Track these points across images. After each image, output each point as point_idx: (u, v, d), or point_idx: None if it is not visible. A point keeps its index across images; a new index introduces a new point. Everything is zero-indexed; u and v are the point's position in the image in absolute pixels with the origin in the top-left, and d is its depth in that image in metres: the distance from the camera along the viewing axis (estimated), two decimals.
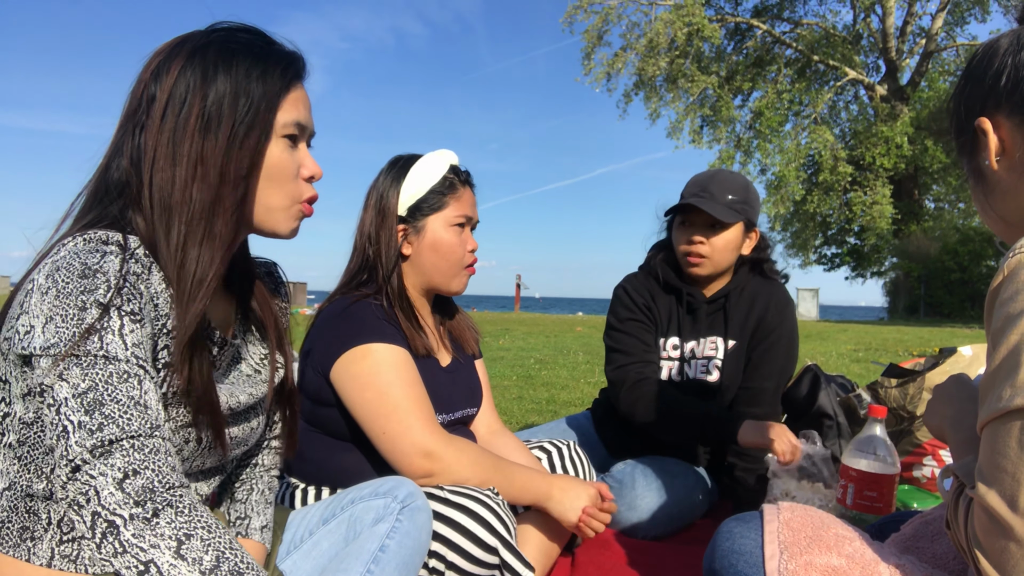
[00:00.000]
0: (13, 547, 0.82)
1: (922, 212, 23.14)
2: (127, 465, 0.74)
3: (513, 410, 4.08)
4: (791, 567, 0.94)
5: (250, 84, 0.89)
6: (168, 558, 0.73)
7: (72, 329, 0.76)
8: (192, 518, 0.76)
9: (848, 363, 6.64)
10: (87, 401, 0.75)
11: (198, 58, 0.89)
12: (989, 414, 0.74)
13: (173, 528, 0.74)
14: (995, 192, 0.88)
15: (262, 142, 0.91)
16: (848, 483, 1.52)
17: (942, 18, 21.81)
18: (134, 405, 0.77)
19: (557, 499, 1.42)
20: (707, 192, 1.94)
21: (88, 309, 0.77)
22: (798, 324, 2.07)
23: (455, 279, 1.52)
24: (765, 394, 1.97)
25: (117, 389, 0.77)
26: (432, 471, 1.30)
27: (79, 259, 0.79)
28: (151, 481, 0.75)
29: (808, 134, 22.02)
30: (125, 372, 0.78)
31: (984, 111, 0.86)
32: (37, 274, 0.79)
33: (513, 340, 9.55)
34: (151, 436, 0.77)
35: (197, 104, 0.87)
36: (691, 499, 1.97)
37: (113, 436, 0.75)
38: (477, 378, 1.67)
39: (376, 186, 1.51)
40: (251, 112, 0.89)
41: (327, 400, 1.40)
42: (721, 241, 1.94)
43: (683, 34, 20.73)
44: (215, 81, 0.88)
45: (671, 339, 2.07)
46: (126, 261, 0.81)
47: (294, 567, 1.11)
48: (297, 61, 0.97)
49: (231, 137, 0.88)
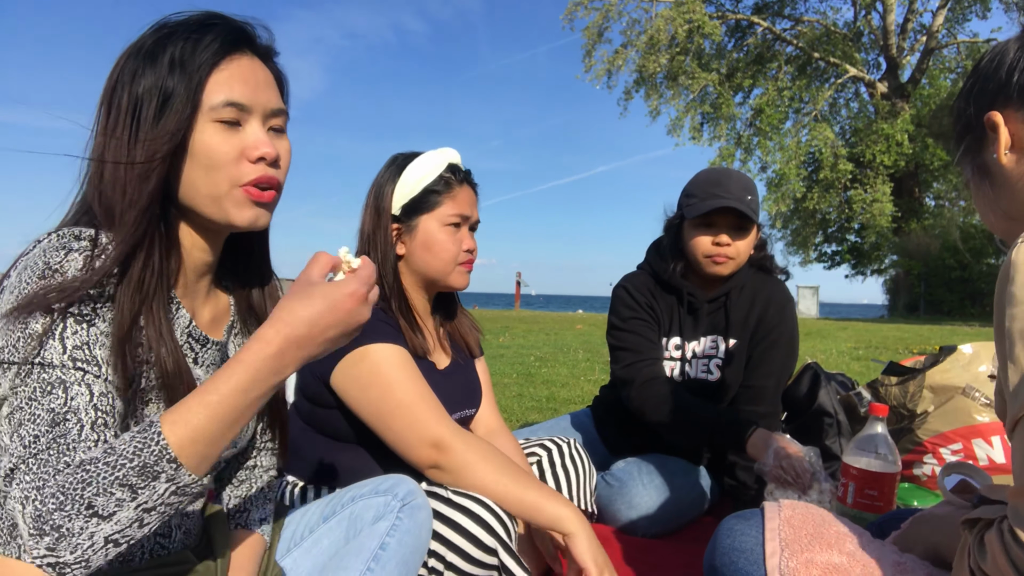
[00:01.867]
0: (4, 544, 0.82)
1: (922, 210, 23.10)
2: (21, 493, 0.72)
3: (513, 408, 4.08)
4: (792, 564, 0.94)
5: (173, 67, 0.84)
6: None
7: (17, 335, 0.76)
8: (75, 494, 0.71)
9: (848, 361, 6.63)
10: (13, 422, 0.75)
11: (136, 48, 0.86)
12: (1018, 411, 0.71)
13: (74, 519, 0.71)
14: (1002, 187, 0.88)
15: (179, 128, 0.83)
16: (849, 481, 1.52)
17: (943, 15, 21.77)
18: (49, 420, 0.75)
19: (580, 531, 1.24)
20: (730, 193, 1.90)
21: (34, 315, 0.76)
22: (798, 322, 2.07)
23: (451, 276, 1.50)
24: (766, 392, 1.97)
25: (39, 404, 0.75)
26: (439, 462, 1.28)
27: (43, 258, 0.78)
28: (36, 504, 0.71)
29: (808, 131, 21.98)
30: (54, 382, 0.76)
31: (994, 106, 0.87)
32: (14, 270, 0.80)
33: (513, 338, 9.55)
34: (47, 448, 0.74)
35: (126, 95, 0.84)
36: (691, 497, 1.97)
37: (15, 462, 0.74)
38: (476, 378, 1.66)
39: (374, 184, 1.50)
40: (171, 99, 0.83)
41: (327, 403, 1.39)
42: (745, 243, 1.94)
43: (684, 31, 20.68)
44: (145, 70, 0.84)
45: (673, 339, 2.07)
46: (91, 258, 0.79)
47: (294, 564, 1.11)
48: (234, 32, 0.88)
49: (153, 131, 0.83)
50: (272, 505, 1.14)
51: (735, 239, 1.92)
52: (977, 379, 2.08)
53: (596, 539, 1.26)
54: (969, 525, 0.79)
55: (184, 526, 0.98)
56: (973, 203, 0.96)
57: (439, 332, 1.61)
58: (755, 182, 2.04)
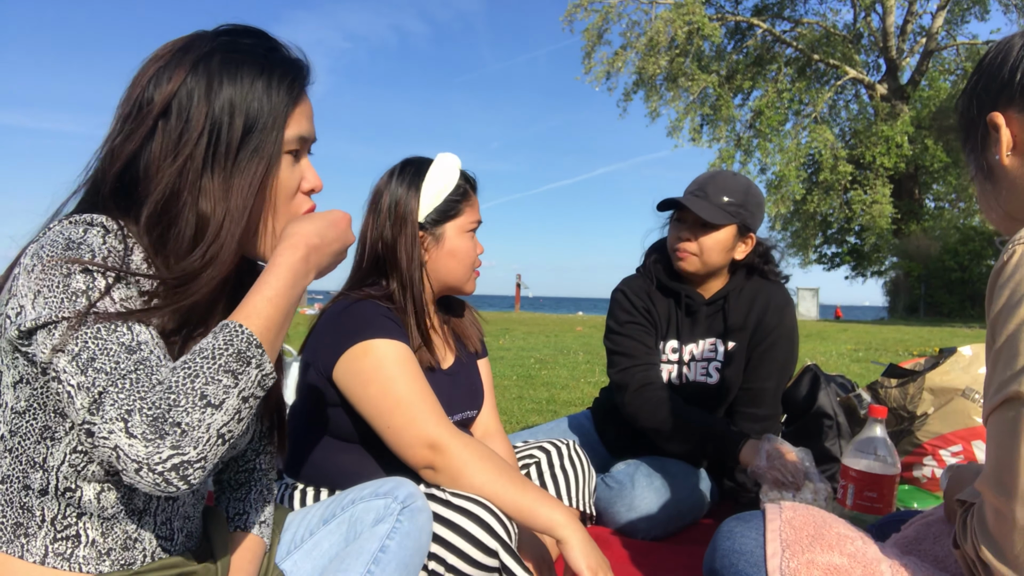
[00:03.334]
0: (7, 543, 0.82)
1: (922, 211, 23.13)
2: (119, 411, 0.72)
3: (513, 410, 4.08)
4: (792, 565, 0.94)
5: (255, 99, 0.88)
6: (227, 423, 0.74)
7: (60, 296, 0.76)
8: (184, 388, 0.73)
9: (848, 363, 6.64)
10: (81, 361, 0.75)
11: (202, 66, 0.87)
12: (990, 405, 0.75)
13: (190, 413, 0.72)
14: (1003, 187, 0.88)
15: (270, 164, 0.91)
16: (848, 483, 1.52)
17: (942, 17, 21.79)
18: (124, 349, 0.76)
19: (574, 536, 1.23)
20: (703, 191, 1.95)
21: (73, 275, 0.77)
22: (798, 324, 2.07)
23: (469, 281, 1.55)
24: (766, 394, 1.97)
25: (107, 340, 0.76)
26: (434, 463, 1.28)
27: (63, 235, 0.80)
28: (145, 413, 0.71)
29: (808, 133, 22.01)
30: (116, 320, 0.78)
31: (997, 107, 0.87)
32: (24, 257, 0.80)
33: (513, 340, 9.55)
34: (135, 370, 0.75)
35: (202, 119, 0.86)
36: (692, 500, 1.96)
37: (101, 387, 0.73)
38: (479, 379, 1.66)
39: (388, 191, 1.48)
40: (256, 133, 0.89)
41: (331, 400, 1.40)
42: (710, 241, 1.94)
43: (683, 33, 20.71)
44: (219, 93, 0.87)
45: (670, 342, 2.07)
46: (108, 236, 0.82)
47: (295, 567, 1.11)
48: (303, 70, 0.95)
49: (236, 159, 0.88)
50: (271, 507, 1.14)
51: (698, 236, 1.94)
52: (977, 381, 2.08)
53: (591, 543, 1.25)
54: (960, 503, 0.83)
55: (186, 528, 0.98)
56: (976, 199, 0.97)
57: (444, 329, 1.62)
58: (757, 187, 2.03)
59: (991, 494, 0.73)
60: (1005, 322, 0.74)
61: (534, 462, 1.68)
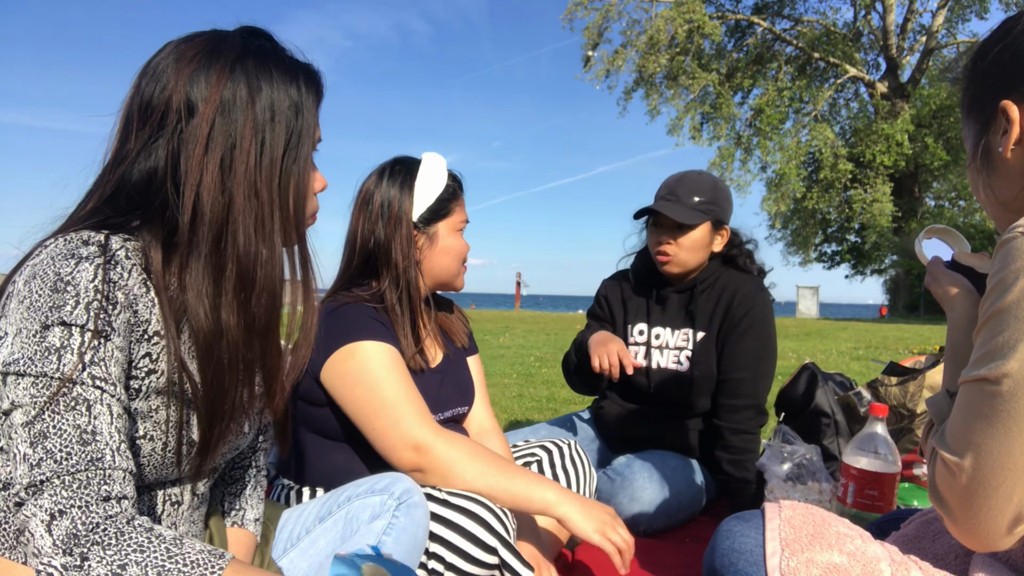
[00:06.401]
0: (9, 549, 0.81)
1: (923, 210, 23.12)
2: (54, 506, 0.71)
3: (513, 408, 4.08)
4: (792, 564, 0.93)
5: (291, 104, 0.88)
6: None
7: (34, 348, 0.74)
8: (122, 546, 0.72)
9: (848, 361, 6.64)
10: (34, 432, 0.73)
11: (239, 71, 0.85)
12: (963, 376, 0.79)
13: (105, 565, 0.71)
14: (1002, 178, 0.87)
15: (308, 164, 0.92)
16: (849, 482, 1.51)
17: (943, 15, 21.79)
18: (77, 437, 0.74)
19: (572, 509, 1.27)
20: (674, 195, 2.01)
21: (51, 327, 0.75)
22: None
23: (458, 277, 1.58)
24: (743, 385, 1.97)
25: (63, 419, 0.74)
26: (421, 465, 1.28)
27: (53, 267, 0.77)
28: (75, 523, 0.71)
29: (808, 131, 22.01)
30: (76, 397, 0.75)
31: (1009, 93, 0.84)
32: (19, 276, 0.78)
33: (513, 338, 9.55)
34: (85, 469, 0.73)
35: (249, 125, 0.85)
36: (692, 492, 1.98)
37: (46, 475, 0.72)
38: (469, 375, 1.66)
39: (379, 191, 1.47)
40: (295, 135, 0.89)
41: (318, 400, 1.39)
42: (688, 241, 2.00)
43: (683, 31, 20.70)
44: (259, 99, 0.86)
45: (638, 324, 2.15)
46: (102, 267, 0.79)
47: (291, 565, 1.11)
48: (318, 73, 0.95)
49: (283, 161, 0.88)
50: (263, 504, 1.14)
51: (676, 238, 2.00)
52: None
53: (590, 506, 1.29)
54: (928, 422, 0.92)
55: (191, 532, 0.98)
56: (967, 176, 0.95)
57: (432, 327, 1.62)
58: (724, 183, 2.10)
59: (943, 450, 0.81)
60: (993, 302, 0.76)
61: (535, 460, 1.68)
